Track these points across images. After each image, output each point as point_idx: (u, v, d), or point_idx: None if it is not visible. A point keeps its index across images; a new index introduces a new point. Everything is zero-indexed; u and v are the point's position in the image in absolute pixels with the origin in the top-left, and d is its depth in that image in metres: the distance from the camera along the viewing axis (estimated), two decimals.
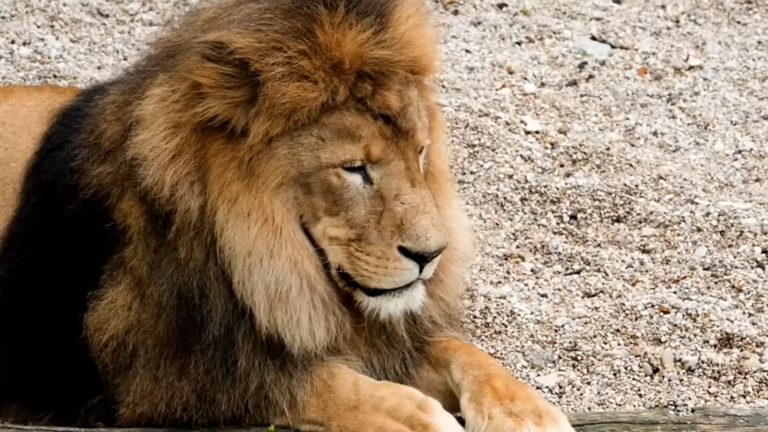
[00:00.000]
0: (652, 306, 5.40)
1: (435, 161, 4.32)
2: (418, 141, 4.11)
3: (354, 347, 4.32)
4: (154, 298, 4.23)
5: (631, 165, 6.48)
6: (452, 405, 4.27)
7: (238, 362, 4.17)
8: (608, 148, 6.58)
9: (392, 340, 4.37)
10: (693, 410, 4.55)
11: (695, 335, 5.24)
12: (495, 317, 5.37)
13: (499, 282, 5.67)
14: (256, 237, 4.06)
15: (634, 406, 4.91)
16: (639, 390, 4.99)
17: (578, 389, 4.99)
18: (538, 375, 5.08)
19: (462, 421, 4.19)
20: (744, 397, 4.94)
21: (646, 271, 5.73)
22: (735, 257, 5.75)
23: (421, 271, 4.10)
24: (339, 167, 4.05)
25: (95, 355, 4.34)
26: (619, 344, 5.23)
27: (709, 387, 5.00)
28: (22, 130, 4.96)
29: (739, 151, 6.72)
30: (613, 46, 7.77)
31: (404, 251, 4.04)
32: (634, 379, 5.05)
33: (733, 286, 5.56)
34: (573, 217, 6.12)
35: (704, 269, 5.70)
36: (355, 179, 4.07)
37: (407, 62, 4.11)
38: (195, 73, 4.06)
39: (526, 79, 7.38)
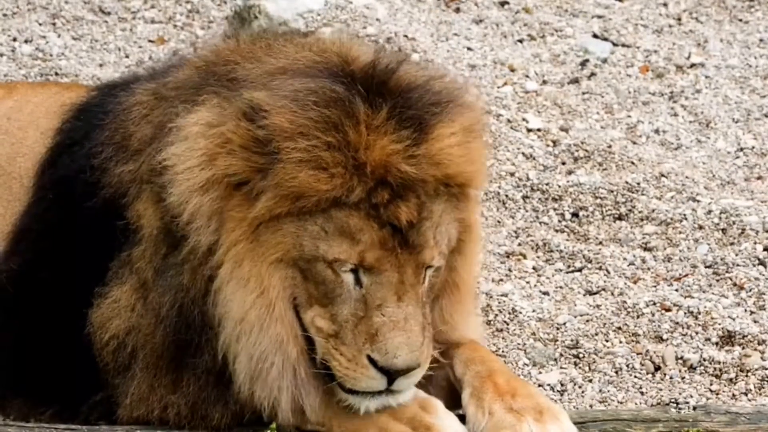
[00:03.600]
0: (654, 304, 5.40)
1: (461, 273, 4.23)
2: (423, 258, 4.00)
3: None
4: (153, 306, 4.23)
5: (632, 163, 6.48)
6: (454, 400, 4.27)
7: (231, 390, 4.17)
8: (610, 146, 6.58)
9: None
10: (695, 408, 4.55)
11: (697, 333, 5.24)
12: (497, 315, 5.37)
13: (501, 280, 5.67)
14: (250, 307, 4.02)
15: (636, 403, 4.91)
16: (641, 388, 4.99)
17: (580, 387, 4.99)
18: (540, 373, 5.08)
19: (463, 418, 4.20)
20: (746, 394, 4.95)
21: (648, 268, 5.73)
22: (737, 255, 5.75)
23: (391, 383, 4.01)
24: (333, 263, 3.99)
25: (97, 352, 4.34)
26: (620, 342, 5.24)
27: (711, 385, 5.00)
28: (29, 126, 4.96)
29: (741, 149, 6.72)
30: (614, 44, 7.76)
31: (372, 361, 3.97)
32: (635, 376, 5.05)
33: (734, 284, 5.56)
34: (575, 214, 6.12)
35: (706, 267, 5.70)
36: (348, 278, 3.99)
37: (438, 178, 4.01)
38: (228, 127, 4.01)
39: (527, 76, 7.38)
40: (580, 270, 5.73)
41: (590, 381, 5.04)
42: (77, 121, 4.70)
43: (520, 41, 7.83)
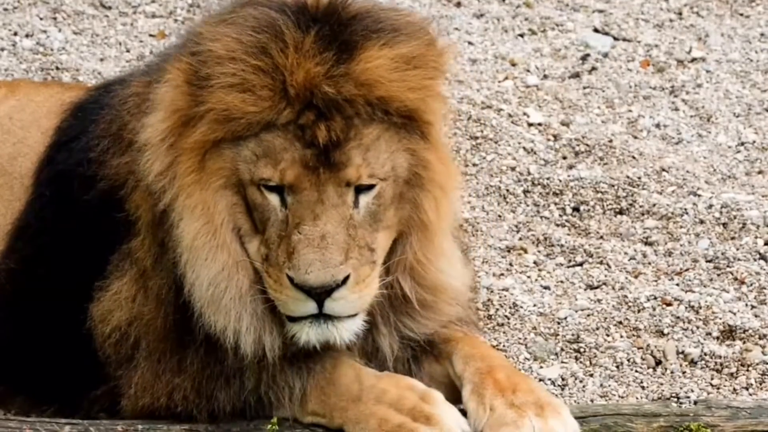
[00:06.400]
0: (655, 298, 5.40)
1: (427, 210, 4.21)
2: (345, 176, 4.02)
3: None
4: (154, 291, 4.25)
5: (633, 157, 6.48)
6: (454, 396, 4.28)
7: (226, 361, 4.19)
8: (611, 141, 6.59)
9: (382, 361, 4.37)
10: (695, 402, 4.56)
11: (698, 327, 5.24)
12: (498, 309, 5.37)
13: (502, 274, 5.67)
14: (196, 234, 4.08)
15: (637, 398, 4.92)
16: (642, 382, 4.99)
17: (581, 381, 5.00)
18: (541, 367, 5.08)
19: (464, 413, 4.20)
20: (746, 389, 4.95)
21: (649, 263, 5.74)
22: (737, 249, 5.75)
23: (321, 306, 4.02)
24: (260, 184, 4.04)
25: (99, 346, 4.35)
26: (621, 336, 5.24)
27: (712, 379, 5.00)
28: (31, 125, 4.97)
29: (742, 143, 6.72)
30: (615, 38, 7.76)
31: (291, 279, 4.00)
32: (636, 371, 5.06)
33: (735, 279, 5.56)
34: (576, 209, 6.12)
35: (707, 261, 5.70)
36: (274, 199, 4.04)
37: (368, 100, 4.03)
38: (175, 65, 4.10)
39: (528, 71, 7.38)
40: (581, 264, 5.73)
41: (591, 375, 5.04)
42: (74, 119, 4.72)
43: (521, 36, 7.83)
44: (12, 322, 4.56)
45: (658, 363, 5.10)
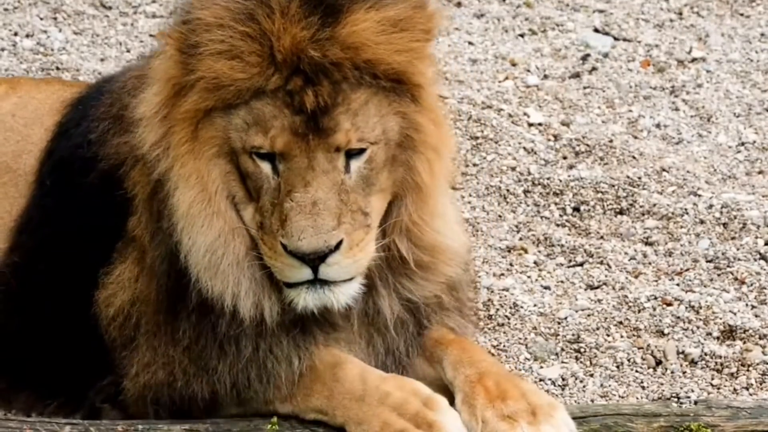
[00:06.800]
0: (655, 298, 5.40)
1: (421, 172, 4.22)
2: (334, 142, 4.03)
3: (349, 325, 4.32)
4: (150, 265, 4.28)
5: (634, 157, 6.49)
6: (451, 395, 4.27)
7: (218, 328, 4.20)
8: (611, 141, 6.59)
9: (383, 327, 4.37)
10: (696, 402, 4.56)
11: (698, 327, 5.24)
12: (498, 309, 5.38)
13: (502, 274, 5.67)
14: (192, 201, 4.11)
15: (637, 398, 4.92)
16: (642, 382, 5.00)
17: (581, 381, 5.00)
18: (541, 367, 5.08)
19: None
20: (747, 389, 4.95)
21: (649, 263, 5.74)
22: (738, 249, 5.75)
23: (315, 272, 4.05)
24: (252, 152, 4.06)
25: (104, 330, 4.37)
26: (622, 336, 5.24)
27: (712, 379, 5.01)
28: (34, 122, 4.98)
29: (742, 143, 6.73)
30: (616, 38, 7.76)
31: (284, 246, 4.03)
32: (637, 371, 5.06)
33: (735, 279, 5.56)
34: (576, 209, 6.13)
35: (707, 261, 5.70)
36: (266, 167, 4.06)
37: (355, 63, 4.03)
38: (168, 35, 4.13)
39: (529, 71, 7.38)
40: (581, 264, 5.74)
41: (591, 375, 5.04)
42: (73, 114, 4.74)
43: (522, 36, 7.83)
44: (17, 317, 4.57)
45: (659, 363, 5.10)
